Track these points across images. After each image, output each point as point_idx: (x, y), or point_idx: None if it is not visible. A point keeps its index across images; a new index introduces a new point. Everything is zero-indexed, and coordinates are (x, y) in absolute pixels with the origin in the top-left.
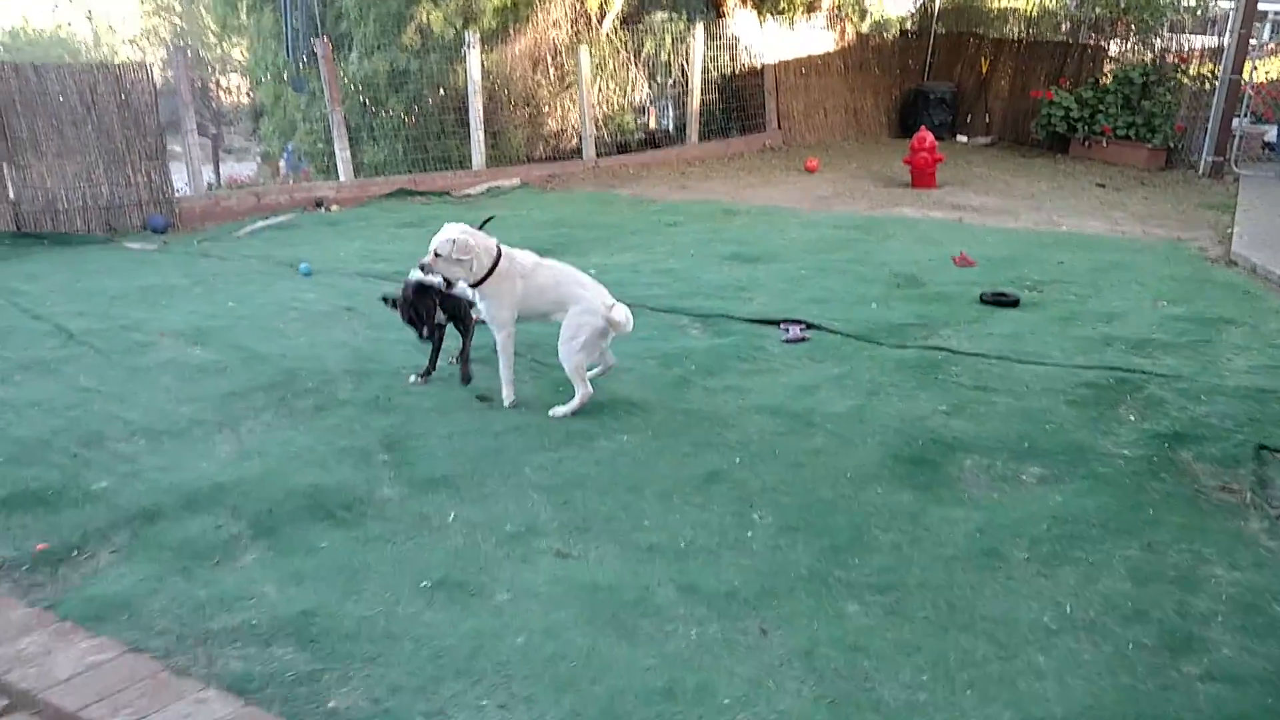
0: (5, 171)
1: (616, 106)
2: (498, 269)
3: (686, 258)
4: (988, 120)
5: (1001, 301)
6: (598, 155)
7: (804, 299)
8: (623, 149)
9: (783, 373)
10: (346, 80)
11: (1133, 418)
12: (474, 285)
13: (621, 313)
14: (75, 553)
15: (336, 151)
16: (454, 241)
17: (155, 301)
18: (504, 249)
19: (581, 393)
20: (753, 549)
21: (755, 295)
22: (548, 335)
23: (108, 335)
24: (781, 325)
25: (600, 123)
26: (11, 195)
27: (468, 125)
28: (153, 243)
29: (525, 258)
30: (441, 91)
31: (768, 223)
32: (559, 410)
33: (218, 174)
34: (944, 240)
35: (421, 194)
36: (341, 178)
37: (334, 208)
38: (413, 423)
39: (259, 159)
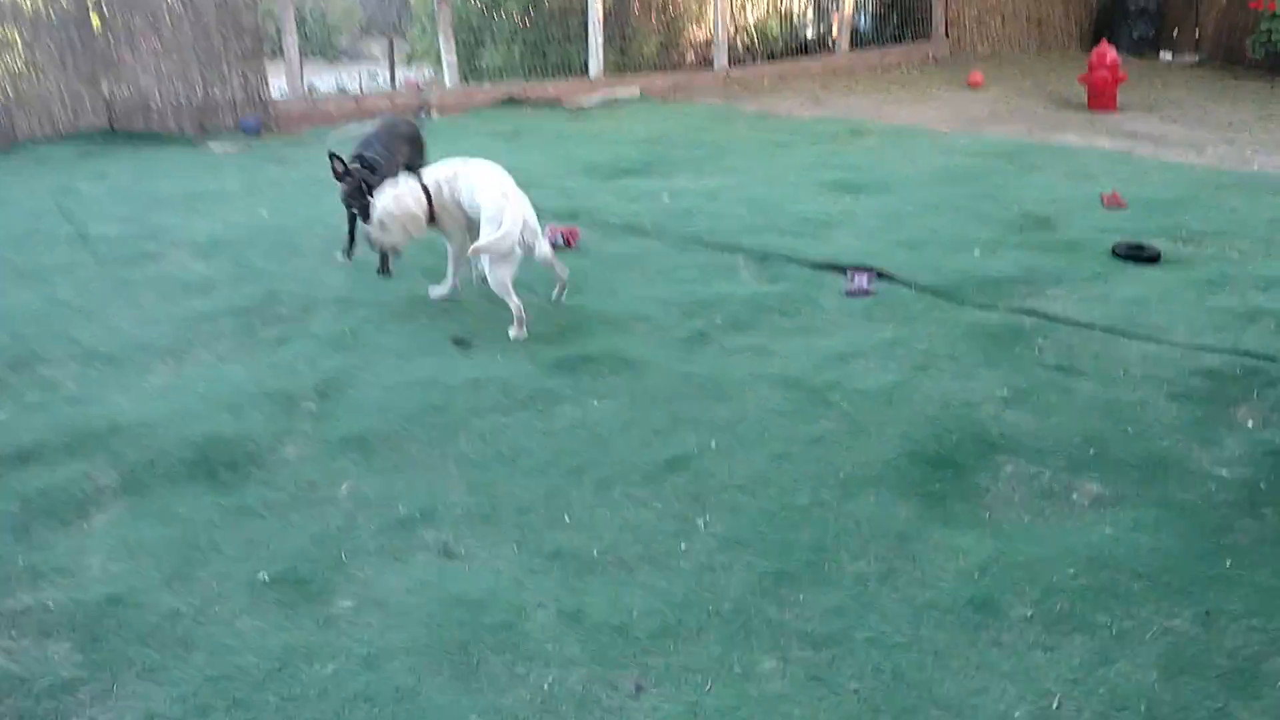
0: (101, 69)
1: (763, 10)
2: (436, 206)
3: (782, 184)
4: (1197, 36)
5: (1138, 256)
6: (731, 64)
7: (895, 241)
8: (766, 57)
9: (824, 333)
10: None
11: (1250, 424)
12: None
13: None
14: None
15: (442, 55)
16: (381, 222)
17: (194, 208)
18: (430, 183)
19: (513, 307)
20: (679, 567)
21: (838, 234)
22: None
23: (121, 243)
24: (848, 273)
25: (740, 29)
26: (106, 93)
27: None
28: (236, 145)
29: (446, 173)
30: None
31: (897, 147)
32: (513, 331)
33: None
34: (1101, 175)
35: (530, 103)
36: (447, 83)
37: (435, 115)
38: (366, 366)
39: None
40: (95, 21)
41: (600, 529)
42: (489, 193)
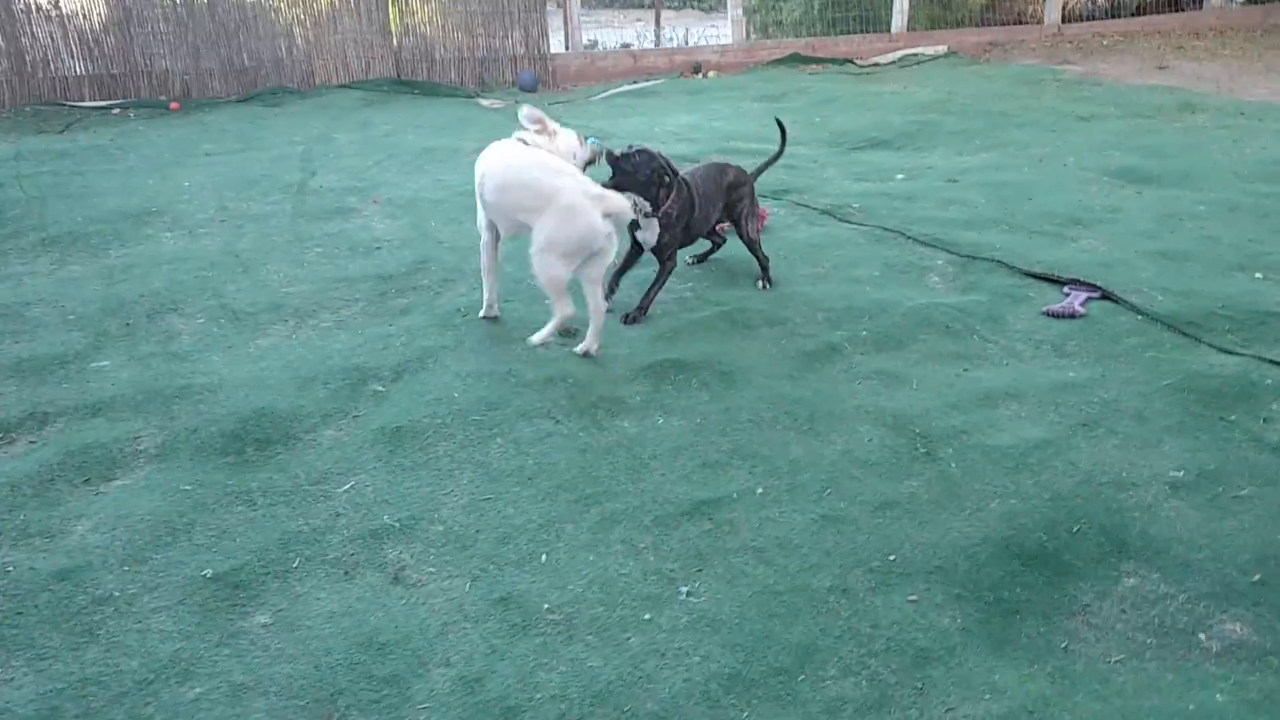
0: (392, 17)
1: None
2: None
3: (1052, 168)
4: None
5: None
6: (1065, 20)
7: (1154, 250)
8: (1113, 12)
9: (989, 364)
10: None
11: None
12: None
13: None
14: None
15: (728, 8)
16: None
17: (419, 165)
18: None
19: (560, 314)
20: (626, 644)
21: (1087, 236)
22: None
23: (329, 196)
24: (1065, 288)
25: None
26: (395, 42)
27: None
28: (505, 100)
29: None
30: None
31: (1228, 129)
32: (535, 337)
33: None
34: None
35: (817, 61)
36: (730, 38)
37: (710, 74)
38: (455, 349)
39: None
40: None
41: (570, 577)
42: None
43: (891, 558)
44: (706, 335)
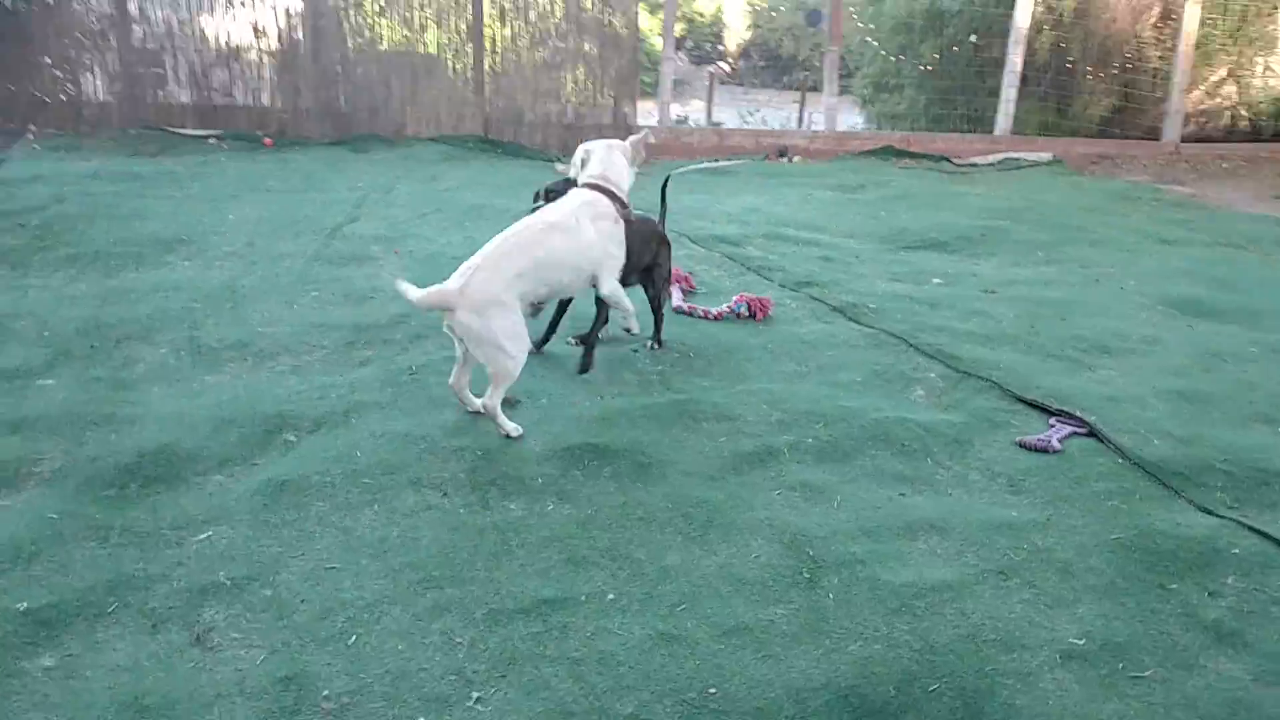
0: (485, 77)
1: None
2: None
3: (1105, 290)
4: None
5: None
6: (1186, 139)
7: (1176, 389)
8: (1249, 135)
9: (930, 490)
10: (872, 17)
11: None
12: None
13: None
14: None
15: (824, 96)
16: None
17: (460, 222)
18: None
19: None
20: None
21: (1109, 368)
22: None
23: (356, 242)
24: (1052, 419)
25: (1209, 96)
26: (487, 104)
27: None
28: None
29: None
30: (974, 39)
31: None
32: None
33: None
34: None
35: (911, 155)
36: (820, 125)
37: (796, 159)
38: (386, 407)
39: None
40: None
41: (369, 665)
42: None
43: (713, 690)
44: (646, 423)
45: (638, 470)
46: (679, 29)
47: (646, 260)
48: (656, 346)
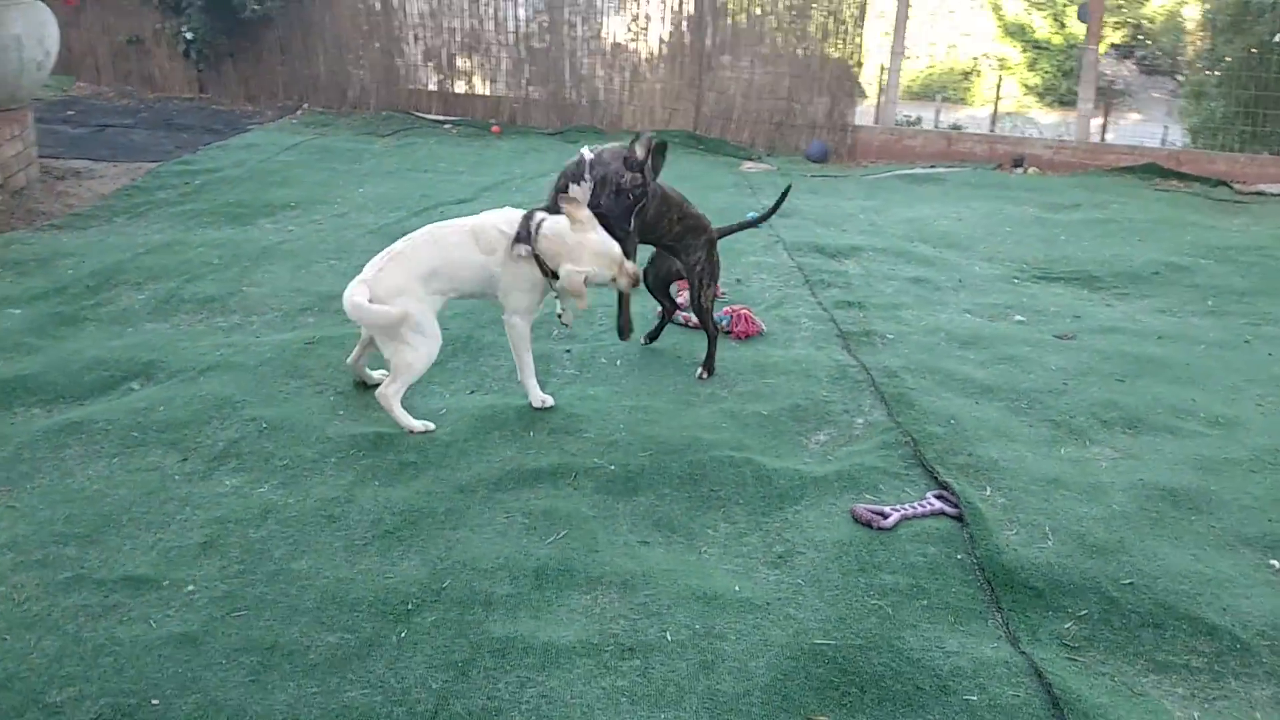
0: (702, 73)
1: None
2: None
3: (1250, 352)
4: None
5: None
6: None
7: (1165, 485)
8: None
9: (680, 546)
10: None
11: None
12: None
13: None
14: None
15: (1079, 101)
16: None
17: None
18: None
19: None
20: None
21: (1112, 446)
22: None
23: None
24: (932, 492)
25: None
26: (700, 100)
27: None
28: (774, 165)
29: None
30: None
31: None
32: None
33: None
34: None
35: (1179, 176)
36: (1071, 135)
37: (1031, 170)
38: (267, 368)
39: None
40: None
41: None
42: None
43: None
44: (457, 418)
45: (435, 518)
46: (1121, 35)
47: (662, 236)
48: (706, 375)
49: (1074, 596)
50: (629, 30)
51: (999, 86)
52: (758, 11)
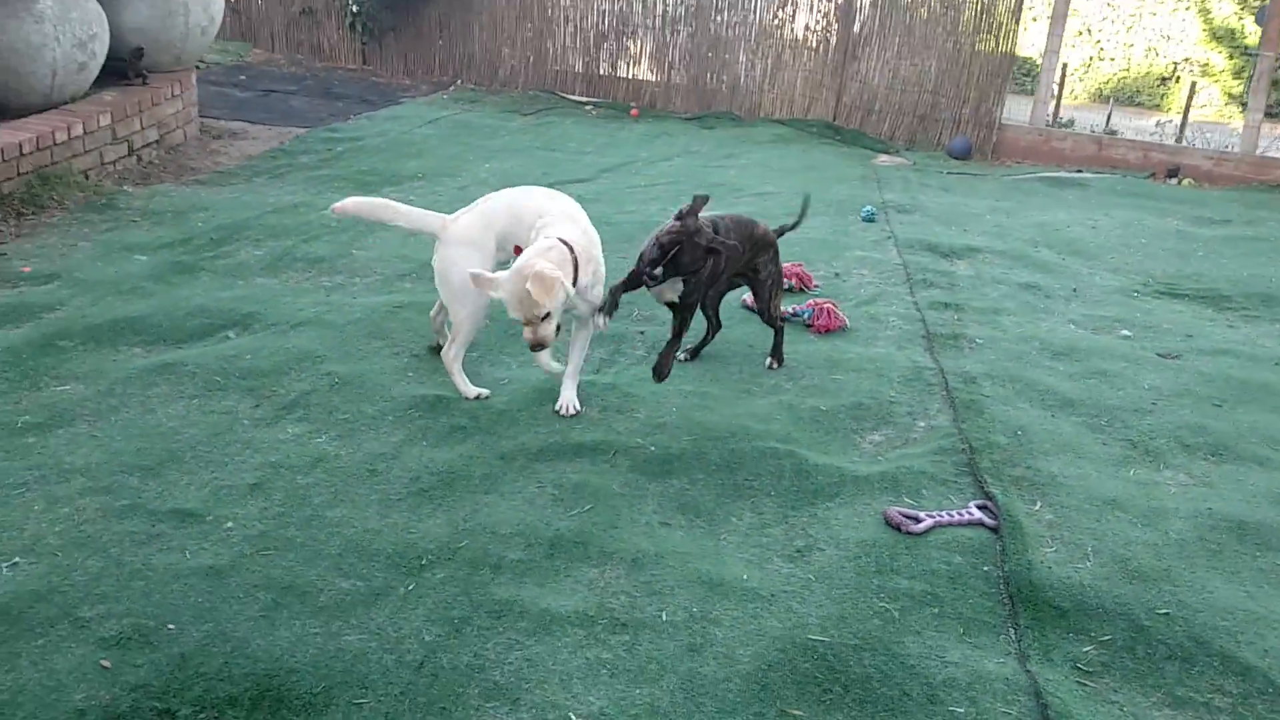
0: (846, 63)
1: None
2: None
3: None
4: None
5: None
6: None
7: (1227, 516)
8: None
9: (701, 532)
10: None
11: None
12: None
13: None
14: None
15: (1248, 111)
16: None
17: (676, 197)
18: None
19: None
20: None
21: (1184, 470)
22: None
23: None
24: (975, 502)
25: None
26: (841, 89)
27: None
28: (910, 160)
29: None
30: None
31: None
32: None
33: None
34: None
35: None
36: (1237, 146)
37: (1186, 182)
38: (355, 331)
39: None
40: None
41: None
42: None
43: None
44: (511, 398)
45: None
46: None
47: (736, 267)
48: (775, 365)
49: (1101, 620)
50: (775, 16)
51: (1191, 93)
52: (907, 1)
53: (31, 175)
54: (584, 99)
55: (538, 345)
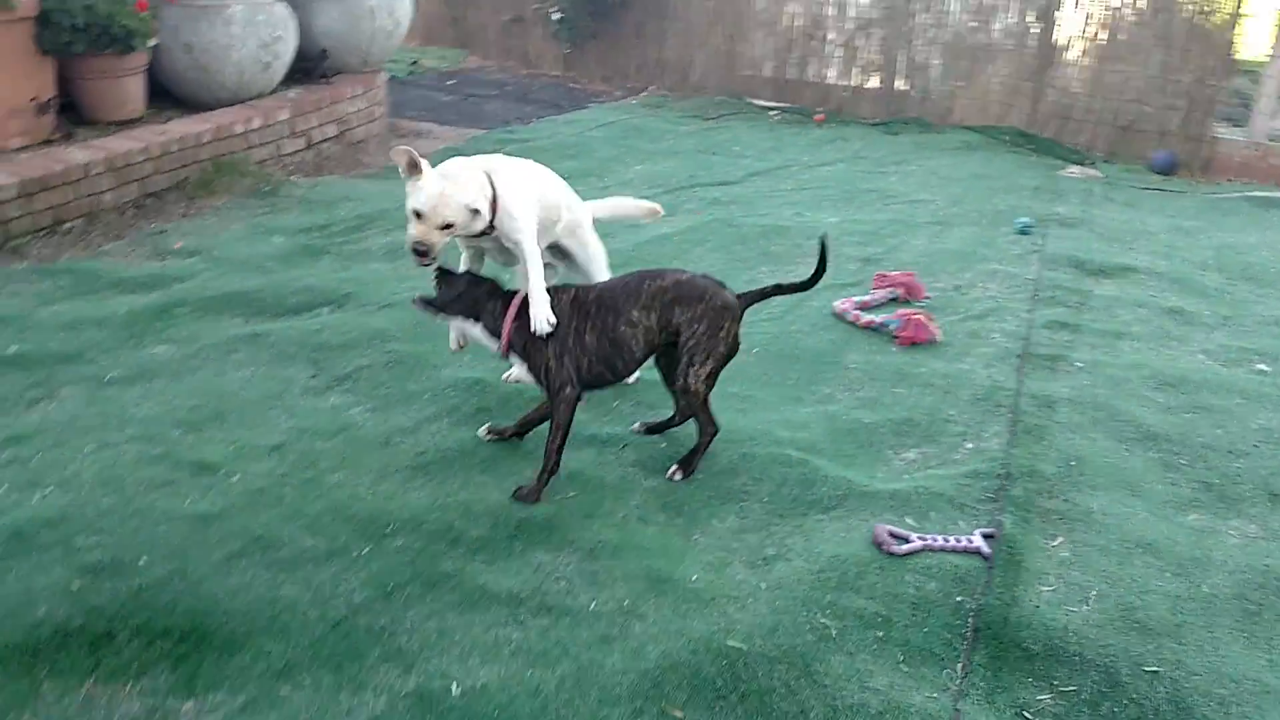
0: (1044, 68)
1: None
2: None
3: None
4: None
5: None
6: None
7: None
8: None
9: (696, 533)
10: None
11: None
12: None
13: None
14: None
15: None
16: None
17: (836, 203)
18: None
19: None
20: None
21: (1246, 518)
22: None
23: (694, 191)
24: (983, 529)
25: None
26: (1038, 97)
27: None
28: (1100, 173)
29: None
30: None
31: None
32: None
33: None
34: None
35: None
36: None
37: None
38: None
39: None
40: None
41: None
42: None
43: None
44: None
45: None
46: None
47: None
48: (679, 474)
49: (1072, 669)
50: (972, 19)
51: None
52: (1115, 4)
53: (208, 163)
54: (769, 104)
55: (421, 247)
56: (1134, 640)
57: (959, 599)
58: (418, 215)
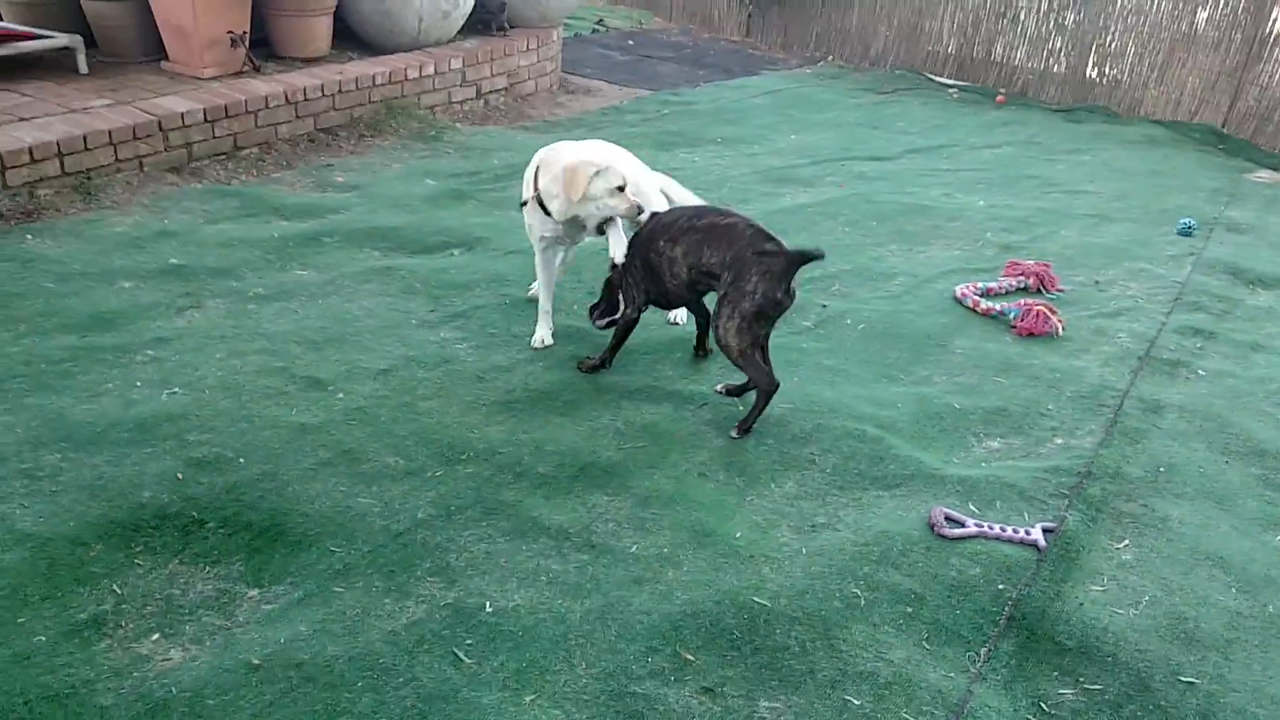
0: (1249, 64)
1: None
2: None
3: None
4: None
5: None
6: None
7: None
8: None
9: (739, 499)
10: None
11: None
12: None
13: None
14: None
15: None
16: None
17: (969, 186)
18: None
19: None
20: None
21: None
22: None
23: (845, 168)
24: (1042, 524)
25: None
26: (1239, 94)
27: None
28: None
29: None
30: None
31: None
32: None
33: None
34: None
35: None
36: None
37: None
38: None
39: None
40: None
41: None
42: None
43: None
44: (633, 356)
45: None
46: None
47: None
48: (735, 433)
49: (1102, 668)
50: (1175, 6)
51: None
52: None
53: (380, 104)
54: (949, 82)
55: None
56: (1176, 649)
57: (1000, 587)
58: (620, 189)
